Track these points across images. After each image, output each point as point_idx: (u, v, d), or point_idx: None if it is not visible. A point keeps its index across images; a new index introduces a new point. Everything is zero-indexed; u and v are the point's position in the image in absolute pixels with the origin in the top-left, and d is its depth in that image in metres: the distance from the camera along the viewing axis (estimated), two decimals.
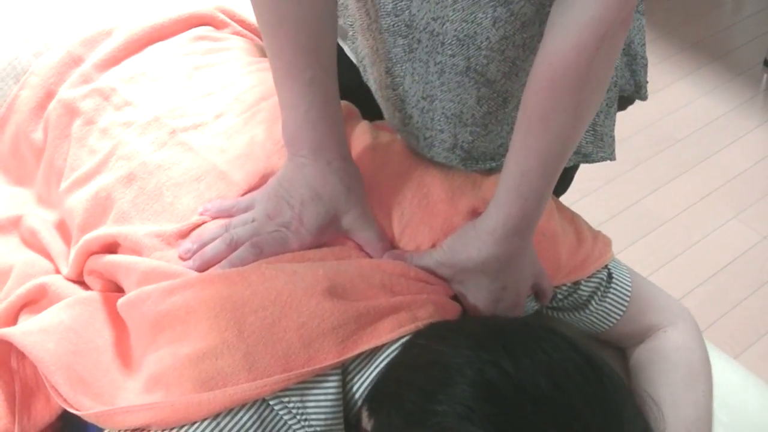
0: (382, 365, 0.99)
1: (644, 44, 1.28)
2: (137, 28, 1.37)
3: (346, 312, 0.98)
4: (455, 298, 1.13)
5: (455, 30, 1.08)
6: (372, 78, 1.26)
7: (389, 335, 0.99)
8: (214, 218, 1.13)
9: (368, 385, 0.98)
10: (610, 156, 1.30)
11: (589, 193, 2.73)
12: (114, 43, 1.35)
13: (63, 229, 1.28)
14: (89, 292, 1.17)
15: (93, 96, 1.29)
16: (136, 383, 1.00)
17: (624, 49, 1.26)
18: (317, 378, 0.96)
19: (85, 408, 0.99)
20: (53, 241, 1.25)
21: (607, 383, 0.86)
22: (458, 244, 1.11)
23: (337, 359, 0.96)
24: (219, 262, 1.08)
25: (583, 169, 1.50)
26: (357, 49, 1.28)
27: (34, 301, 1.17)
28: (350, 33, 1.28)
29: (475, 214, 1.13)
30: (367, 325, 0.99)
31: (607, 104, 1.26)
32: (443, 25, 1.09)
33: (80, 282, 1.21)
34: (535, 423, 0.81)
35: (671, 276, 2.50)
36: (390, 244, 1.13)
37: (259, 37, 1.50)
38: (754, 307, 2.44)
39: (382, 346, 1.00)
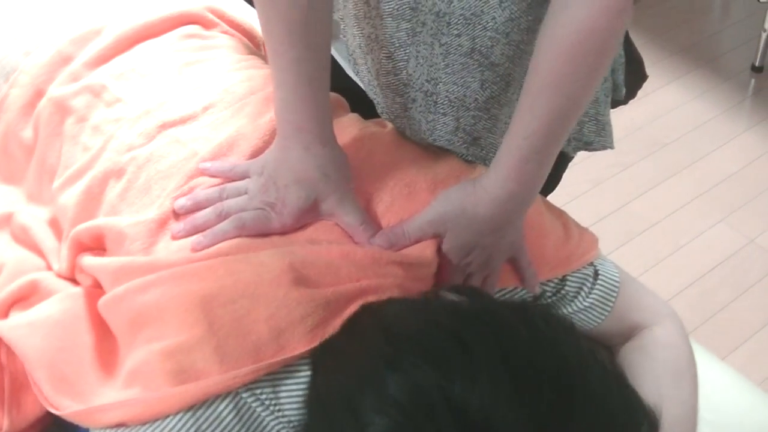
0: None
1: (621, 42, 1.30)
2: (127, 27, 1.37)
3: (314, 300, 0.98)
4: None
5: (462, 8, 1.10)
6: (366, 68, 1.27)
7: None
8: (211, 176, 1.15)
9: None
10: (611, 144, 1.33)
11: (578, 196, 2.74)
12: (104, 42, 1.35)
13: (55, 226, 1.28)
14: (79, 288, 1.17)
15: (84, 93, 1.30)
16: (117, 381, 1.00)
17: None
18: (289, 368, 0.96)
19: (63, 408, 1.00)
20: (45, 238, 1.25)
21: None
22: (454, 195, 1.11)
23: (307, 347, 0.96)
24: (207, 229, 1.09)
25: (572, 171, 1.51)
26: (347, 43, 1.28)
27: (25, 297, 1.16)
28: (342, 26, 1.29)
29: None
30: (336, 312, 0.99)
31: (605, 94, 1.28)
32: (450, 4, 1.11)
33: (72, 279, 1.21)
34: None
35: (659, 278, 2.51)
36: (376, 228, 1.12)
37: (248, 37, 1.50)
38: (740, 309, 2.45)
39: None
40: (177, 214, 1.12)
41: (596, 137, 1.31)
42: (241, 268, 1.01)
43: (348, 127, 1.24)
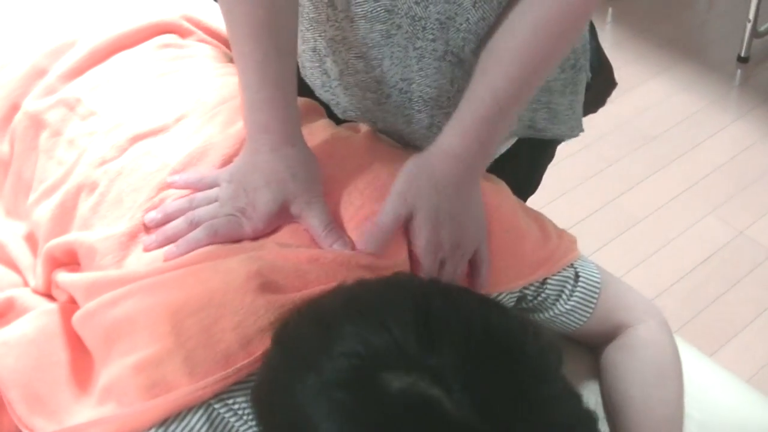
0: None
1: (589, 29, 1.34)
2: (101, 38, 1.37)
3: (282, 306, 0.97)
4: None
5: (438, 12, 1.11)
6: (321, 70, 1.27)
7: None
8: (180, 189, 1.14)
9: None
10: (569, 133, 1.36)
11: (565, 193, 2.74)
12: (78, 54, 1.35)
13: (32, 241, 1.27)
14: (54, 304, 1.16)
15: (58, 107, 1.29)
16: (91, 398, 1.00)
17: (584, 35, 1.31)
18: None
19: (37, 429, 0.99)
20: (21, 254, 1.25)
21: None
22: (412, 163, 1.11)
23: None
24: (178, 239, 1.08)
25: (558, 168, 1.50)
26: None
27: (2, 314, 1.15)
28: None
29: None
30: None
31: (562, 84, 1.29)
32: (426, 8, 1.11)
33: (48, 295, 1.20)
34: None
35: (648, 274, 2.51)
36: (337, 234, 1.10)
37: (225, 45, 1.49)
38: (731, 302, 2.45)
39: None
40: (148, 227, 1.11)
41: (548, 125, 1.33)
42: (209, 276, 1.00)
43: (320, 131, 1.23)
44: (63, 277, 1.13)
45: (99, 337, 1.02)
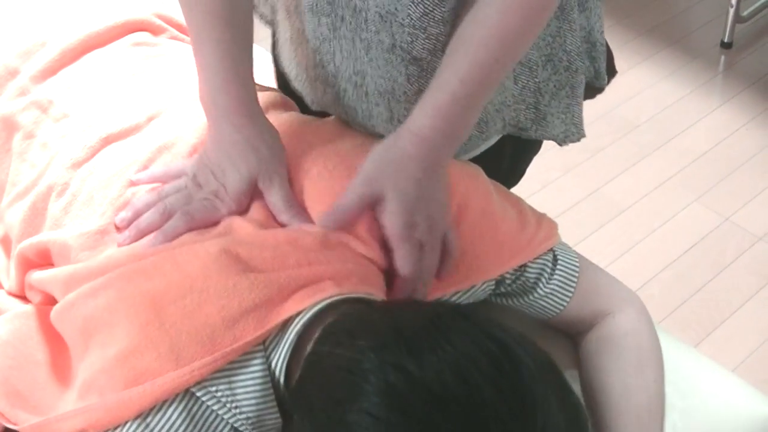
0: (292, 336, 0.97)
1: (603, 32, 1.31)
2: (72, 38, 1.36)
3: (267, 286, 0.97)
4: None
5: (377, 6, 1.11)
6: (296, 61, 1.27)
7: (309, 300, 0.98)
8: (148, 184, 1.15)
9: (283, 358, 0.97)
10: (562, 138, 1.35)
11: (549, 183, 2.73)
12: (50, 54, 1.34)
13: (6, 244, 1.26)
14: (28, 306, 1.16)
15: (31, 109, 1.28)
16: (72, 393, 0.99)
17: (584, 37, 1.28)
18: (242, 360, 0.95)
19: (21, 422, 0.98)
20: None
21: (525, 374, 0.83)
22: (380, 147, 1.12)
23: (259, 332, 0.95)
24: (153, 231, 1.08)
25: (542, 158, 1.50)
26: (278, 36, 1.30)
27: None
28: (275, 17, 1.30)
29: None
30: (288, 296, 0.98)
31: (555, 86, 1.28)
32: (365, 1, 1.11)
33: (22, 296, 1.19)
34: (447, 427, 0.79)
35: (634, 262, 2.50)
36: (296, 209, 1.11)
37: None
38: (717, 290, 2.45)
39: (293, 317, 0.98)
40: (119, 228, 1.10)
41: (533, 125, 1.31)
42: (187, 260, 1.00)
43: (287, 120, 1.23)
44: (39, 274, 1.13)
45: (77, 328, 1.01)
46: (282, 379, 0.97)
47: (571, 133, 1.35)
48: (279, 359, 0.97)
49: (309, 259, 1.02)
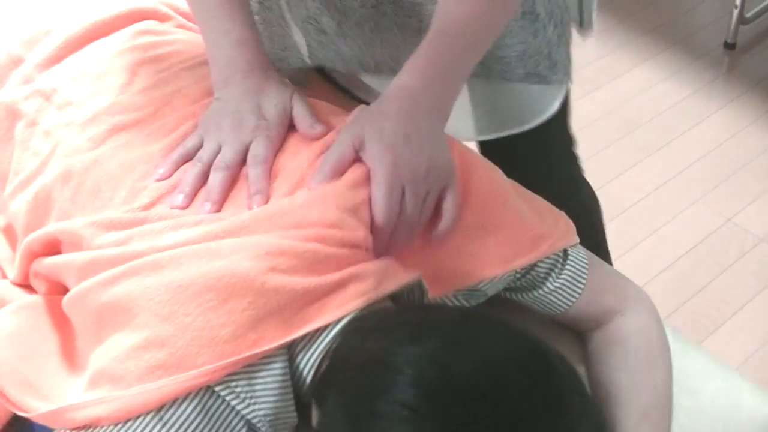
0: (326, 341, 0.96)
1: None
2: (78, 26, 1.35)
3: (293, 290, 0.95)
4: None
5: None
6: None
7: (336, 312, 0.97)
8: (174, 172, 1.13)
9: (314, 362, 0.96)
10: (564, 79, 1.48)
11: None
12: (54, 42, 1.33)
13: (9, 233, 1.25)
14: (33, 297, 1.15)
15: (34, 97, 1.27)
16: (82, 381, 0.97)
17: None
18: (264, 359, 0.94)
19: (32, 410, 0.97)
20: None
21: (554, 378, 0.83)
22: (384, 96, 1.15)
23: (284, 339, 0.94)
24: (229, 186, 1.09)
25: None
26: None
27: None
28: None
29: None
30: (314, 301, 0.97)
31: (558, 36, 1.41)
32: None
33: (27, 286, 1.18)
34: (478, 425, 0.79)
35: (636, 262, 2.50)
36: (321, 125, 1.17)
37: None
38: (718, 290, 2.45)
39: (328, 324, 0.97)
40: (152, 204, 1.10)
41: (549, 72, 1.43)
42: (215, 256, 0.98)
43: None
44: (52, 259, 1.11)
45: (92, 315, 1.00)
46: (309, 379, 0.96)
47: (569, 73, 1.49)
48: (309, 362, 0.97)
49: (340, 264, 1.01)
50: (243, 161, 1.12)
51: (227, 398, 0.92)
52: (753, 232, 2.62)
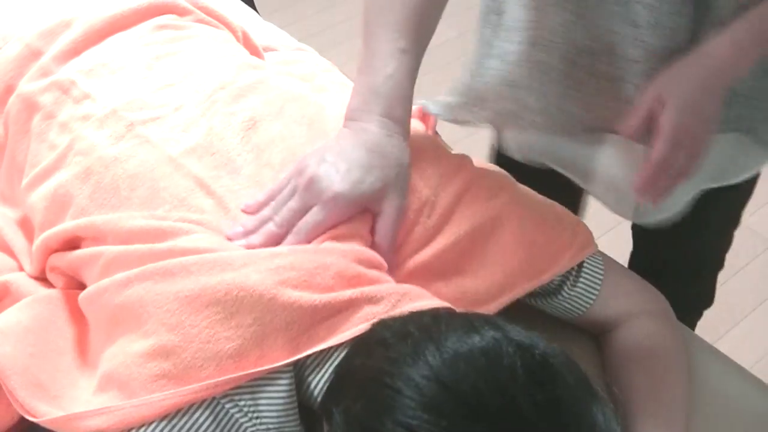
0: (336, 363, 0.95)
1: None
2: (97, 19, 1.34)
3: (301, 307, 0.94)
4: None
5: None
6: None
7: (345, 335, 0.95)
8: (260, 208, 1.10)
9: (325, 383, 0.95)
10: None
11: None
12: (73, 35, 1.32)
13: (26, 225, 1.25)
14: (50, 291, 1.14)
15: (52, 89, 1.27)
16: (91, 381, 0.98)
17: None
18: (269, 376, 0.93)
19: (41, 414, 0.96)
20: (15, 238, 1.23)
21: (561, 387, 0.80)
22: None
23: (288, 360, 0.93)
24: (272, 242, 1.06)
25: None
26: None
27: None
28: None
29: None
30: (323, 320, 0.96)
31: None
32: None
33: (44, 279, 1.18)
34: None
35: None
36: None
37: (224, 24, 1.47)
38: (731, 292, 2.44)
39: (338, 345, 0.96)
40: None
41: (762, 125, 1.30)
42: (225, 267, 0.97)
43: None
44: (77, 252, 1.11)
45: (105, 316, 1.00)
46: (320, 399, 0.95)
47: None
48: (320, 384, 0.96)
49: (350, 275, 1.00)
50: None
51: (231, 411, 0.92)
52: (764, 235, 2.62)
